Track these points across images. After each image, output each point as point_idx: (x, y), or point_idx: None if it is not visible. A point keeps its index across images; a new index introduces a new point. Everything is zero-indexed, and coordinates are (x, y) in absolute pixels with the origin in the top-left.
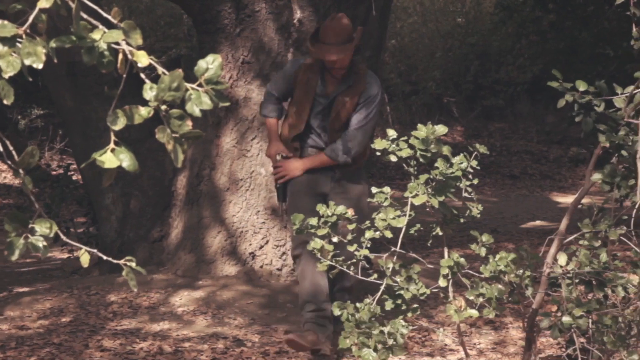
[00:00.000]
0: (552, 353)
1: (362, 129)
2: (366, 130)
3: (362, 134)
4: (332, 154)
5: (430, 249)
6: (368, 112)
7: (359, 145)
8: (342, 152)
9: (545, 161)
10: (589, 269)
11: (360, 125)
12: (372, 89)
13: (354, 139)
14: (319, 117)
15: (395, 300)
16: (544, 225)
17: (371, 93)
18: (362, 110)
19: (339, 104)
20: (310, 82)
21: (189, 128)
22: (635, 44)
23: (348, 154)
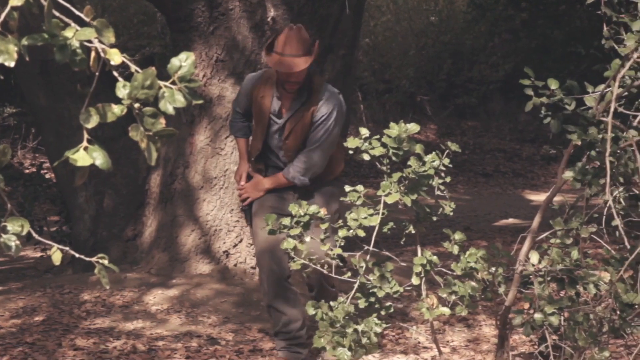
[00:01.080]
0: (524, 350)
1: (319, 149)
2: (323, 149)
3: (319, 154)
4: (288, 176)
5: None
6: (323, 131)
7: (316, 166)
8: (299, 173)
9: (518, 159)
10: (561, 266)
11: (315, 145)
12: (324, 108)
13: (309, 160)
14: (275, 137)
15: (369, 299)
16: (517, 223)
17: (324, 112)
18: (318, 129)
19: (293, 123)
20: (264, 100)
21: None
22: (606, 43)
23: (305, 175)
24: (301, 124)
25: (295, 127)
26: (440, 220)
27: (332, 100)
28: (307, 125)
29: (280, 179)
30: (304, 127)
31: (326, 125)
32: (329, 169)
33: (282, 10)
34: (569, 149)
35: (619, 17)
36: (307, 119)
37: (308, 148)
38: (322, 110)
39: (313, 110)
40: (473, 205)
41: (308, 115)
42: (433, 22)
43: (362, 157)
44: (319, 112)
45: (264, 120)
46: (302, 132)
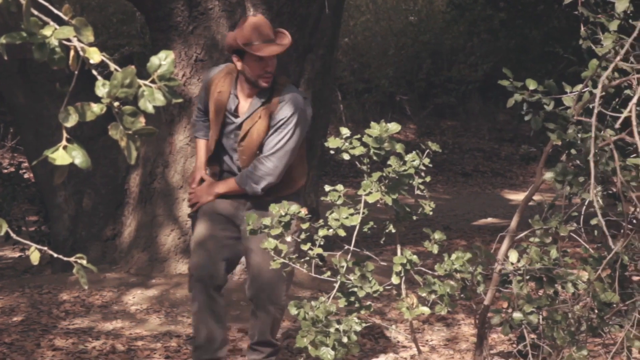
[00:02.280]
0: (503, 349)
1: (275, 156)
2: (280, 157)
3: (274, 163)
4: (240, 182)
5: (384, 247)
6: (281, 136)
7: (270, 175)
8: (252, 181)
9: (497, 159)
10: (540, 265)
11: (271, 152)
12: (284, 110)
13: (263, 168)
14: (231, 137)
15: (349, 298)
16: (496, 222)
17: (283, 115)
18: (275, 134)
19: (250, 124)
20: (221, 96)
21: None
22: (583, 43)
23: (257, 184)
24: (259, 125)
25: (252, 128)
26: (420, 219)
27: (295, 103)
28: (264, 128)
29: (232, 184)
30: (262, 129)
31: (284, 130)
32: (288, 181)
33: (261, 10)
34: (547, 149)
35: (596, 18)
36: (265, 121)
37: (263, 154)
38: (281, 113)
39: (272, 112)
40: (452, 205)
41: (267, 117)
42: (412, 22)
43: (343, 157)
44: (278, 114)
45: (219, 118)
46: (259, 135)
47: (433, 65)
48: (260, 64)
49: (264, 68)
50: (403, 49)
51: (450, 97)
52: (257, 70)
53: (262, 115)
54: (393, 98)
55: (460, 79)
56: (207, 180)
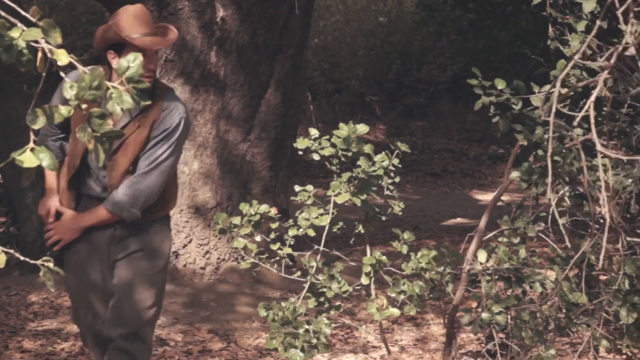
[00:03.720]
0: (472, 348)
1: (155, 171)
2: (161, 172)
3: (155, 179)
4: (113, 208)
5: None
6: (163, 149)
7: (150, 195)
8: (128, 204)
9: (466, 159)
10: (508, 265)
11: (151, 167)
12: (169, 119)
13: (142, 186)
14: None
15: (319, 299)
16: (465, 222)
17: (168, 125)
18: (157, 146)
19: (129, 132)
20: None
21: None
22: (551, 43)
23: (135, 206)
24: (136, 136)
25: (128, 139)
26: (390, 219)
27: (180, 112)
28: (143, 139)
29: (101, 213)
30: (140, 140)
31: (168, 142)
32: (160, 202)
33: (231, 10)
34: (515, 149)
35: (564, 18)
36: (145, 131)
37: (141, 170)
38: (166, 122)
39: (155, 121)
40: (422, 205)
41: (147, 127)
42: (382, 23)
43: (312, 157)
44: (162, 123)
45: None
46: (136, 147)
47: (402, 65)
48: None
49: (147, 65)
50: (373, 50)
51: (419, 97)
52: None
53: (141, 123)
54: (363, 98)
55: (430, 80)
56: (67, 212)
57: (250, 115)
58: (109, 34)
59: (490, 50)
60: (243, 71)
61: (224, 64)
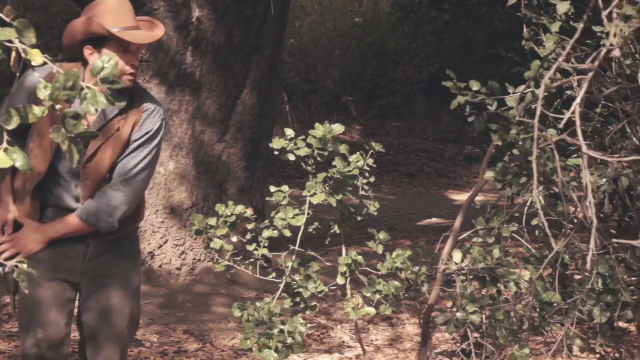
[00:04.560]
0: (447, 348)
1: (135, 180)
2: (140, 181)
3: (134, 187)
4: (89, 218)
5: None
6: (144, 155)
7: (128, 202)
8: (106, 214)
9: (441, 159)
10: (483, 265)
11: (132, 173)
12: (150, 122)
13: (120, 195)
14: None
15: (294, 299)
16: (440, 222)
17: (149, 128)
18: (136, 151)
19: (102, 138)
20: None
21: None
22: (526, 44)
23: (112, 215)
24: (115, 140)
25: (104, 144)
26: (365, 220)
27: (160, 113)
28: (123, 144)
29: (73, 222)
30: (118, 145)
31: (149, 146)
32: (135, 212)
33: (207, 11)
34: (490, 149)
35: (538, 19)
36: (124, 135)
37: (122, 176)
38: (147, 125)
39: (135, 123)
40: (397, 205)
41: (127, 129)
42: (357, 23)
43: (288, 158)
44: (143, 126)
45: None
46: (114, 153)
47: (378, 66)
48: (126, 57)
49: (130, 62)
50: (348, 50)
51: (395, 98)
52: (121, 64)
53: (120, 126)
54: (339, 99)
55: (405, 80)
56: (28, 223)
57: (226, 116)
58: (89, 27)
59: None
60: (219, 71)
61: (199, 64)
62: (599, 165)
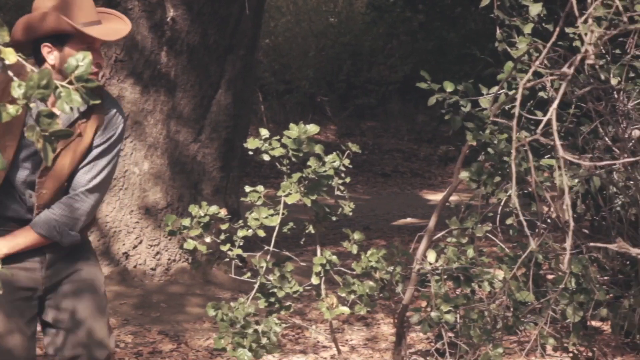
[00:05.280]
0: (421, 348)
1: (98, 188)
2: (103, 189)
3: (97, 197)
4: (50, 233)
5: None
6: (107, 161)
7: (91, 213)
8: (67, 226)
9: (416, 159)
10: (457, 264)
11: (96, 182)
12: (115, 122)
13: (84, 206)
14: (27, 167)
15: (269, 299)
16: (415, 222)
17: (114, 130)
18: (100, 156)
19: (62, 144)
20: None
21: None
22: (499, 45)
23: (75, 228)
24: (76, 145)
25: (65, 150)
26: (340, 220)
27: (121, 114)
28: (84, 149)
29: (31, 237)
30: (80, 151)
31: (112, 152)
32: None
33: (181, 11)
34: (464, 149)
35: (511, 21)
36: (86, 140)
37: (85, 186)
38: (110, 128)
39: (97, 128)
40: (372, 205)
41: (89, 134)
42: (332, 24)
43: (263, 158)
44: (107, 130)
45: (12, 137)
46: (75, 160)
47: (353, 66)
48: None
49: (95, 60)
50: (323, 50)
51: (370, 98)
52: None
53: (82, 130)
54: (314, 99)
55: (380, 80)
56: None
57: (200, 116)
58: (49, 23)
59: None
60: (194, 71)
61: (174, 64)
62: (572, 166)
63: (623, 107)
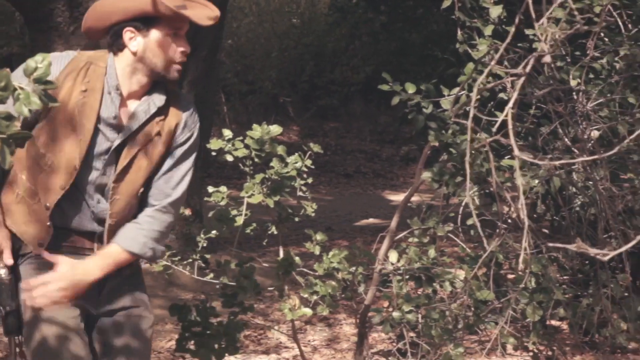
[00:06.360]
0: (383, 348)
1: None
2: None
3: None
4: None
5: (266, 248)
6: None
7: (174, 225)
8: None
9: (378, 160)
10: (419, 265)
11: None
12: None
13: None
14: (98, 169)
15: (231, 300)
16: (377, 222)
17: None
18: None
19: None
20: (88, 99)
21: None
22: (460, 46)
23: (160, 242)
24: (154, 147)
25: (143, 150)
26: (303, 220)
27: (195, 111)
28: (162, 150)
29: (119, 254)
30: (157, 153)
31: (193, 154)
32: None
33: None
34: (426, 150)
35: (472, 22)
36: (165, 139)
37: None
38: (189, 128)
39: (177, 126)
40: (335, 206)
41: (169, 134)
42: (295, 24)
43: (226, 158)
44: (186, 129)
45: (83, 133)
46: (152, 163)
47: (316, 67)
48: (177, 41)
49: (183, 47)
50: (286, 51)
51: (332, 99)
52: (171, 51)
53: (161, 129)
54: (277, 100)
55: (343, 81)
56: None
57: None
58: (137, 4)
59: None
60: None
61: None
62: (531, 166)
63: (582, 108)
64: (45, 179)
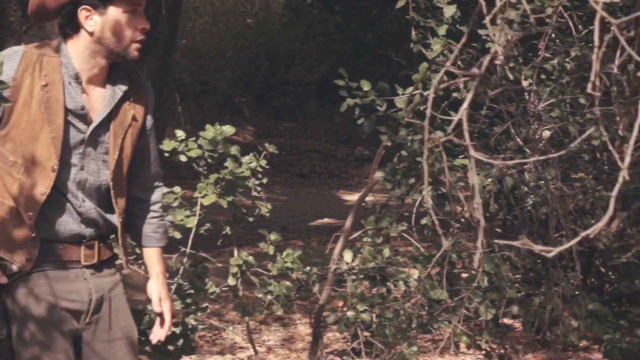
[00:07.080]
0: (338, 347)
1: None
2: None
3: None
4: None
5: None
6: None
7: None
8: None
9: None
10: (373, 264)
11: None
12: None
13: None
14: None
15: (186, 300)
16: (332, 222)
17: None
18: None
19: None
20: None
21: None
22: (414, 47)
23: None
24: (133, 130)
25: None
26: (257, 220)
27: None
28: (137, 134)
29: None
30: (134, 136)
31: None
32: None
33: None
34: (380, 150)
35: (426, 22)
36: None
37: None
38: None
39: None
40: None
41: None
42: (250, 25)
43: (179, 159)
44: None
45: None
46: (132, 147)
47: (270, 67)
48: (136, 19)
49: (142, 24)
50: (241, 51)
51: (287, 99)
52: (131, 29)
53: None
54: (231, 100)
55: (297, 81)
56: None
57: None
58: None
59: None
60: None
61: None
62: (484, 166)
63: (534, 108)
64: (21, 189)
